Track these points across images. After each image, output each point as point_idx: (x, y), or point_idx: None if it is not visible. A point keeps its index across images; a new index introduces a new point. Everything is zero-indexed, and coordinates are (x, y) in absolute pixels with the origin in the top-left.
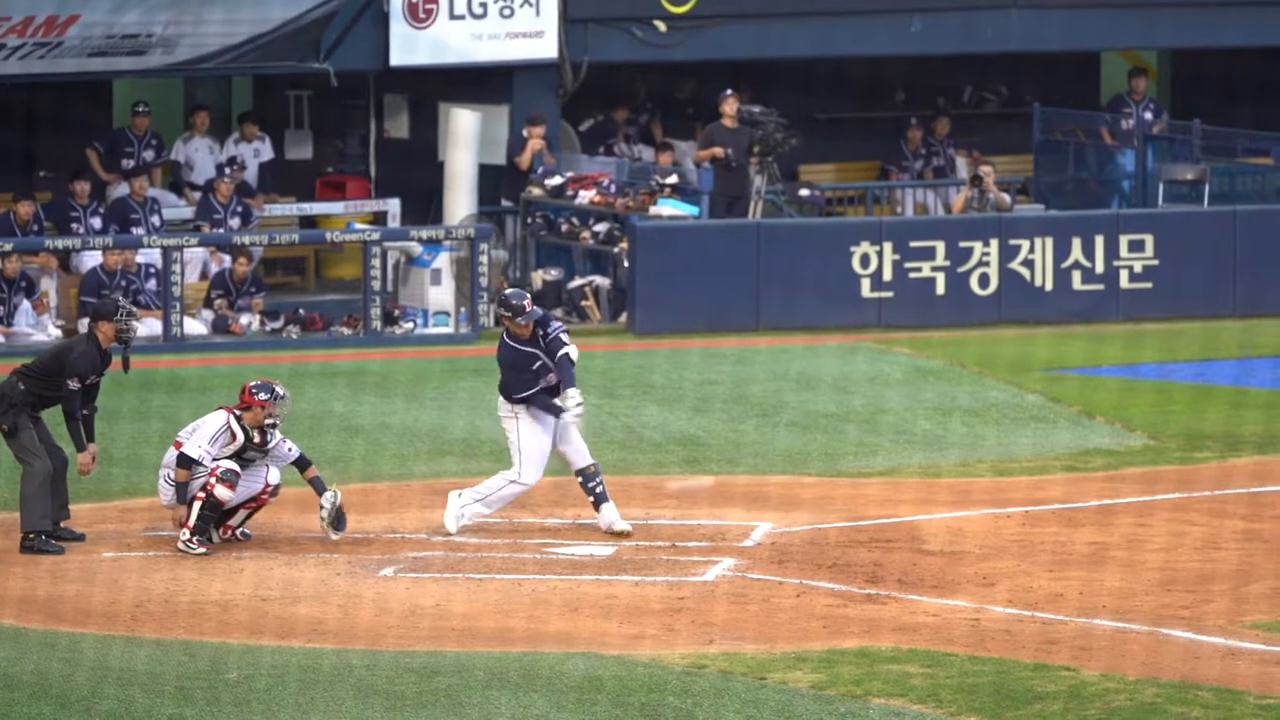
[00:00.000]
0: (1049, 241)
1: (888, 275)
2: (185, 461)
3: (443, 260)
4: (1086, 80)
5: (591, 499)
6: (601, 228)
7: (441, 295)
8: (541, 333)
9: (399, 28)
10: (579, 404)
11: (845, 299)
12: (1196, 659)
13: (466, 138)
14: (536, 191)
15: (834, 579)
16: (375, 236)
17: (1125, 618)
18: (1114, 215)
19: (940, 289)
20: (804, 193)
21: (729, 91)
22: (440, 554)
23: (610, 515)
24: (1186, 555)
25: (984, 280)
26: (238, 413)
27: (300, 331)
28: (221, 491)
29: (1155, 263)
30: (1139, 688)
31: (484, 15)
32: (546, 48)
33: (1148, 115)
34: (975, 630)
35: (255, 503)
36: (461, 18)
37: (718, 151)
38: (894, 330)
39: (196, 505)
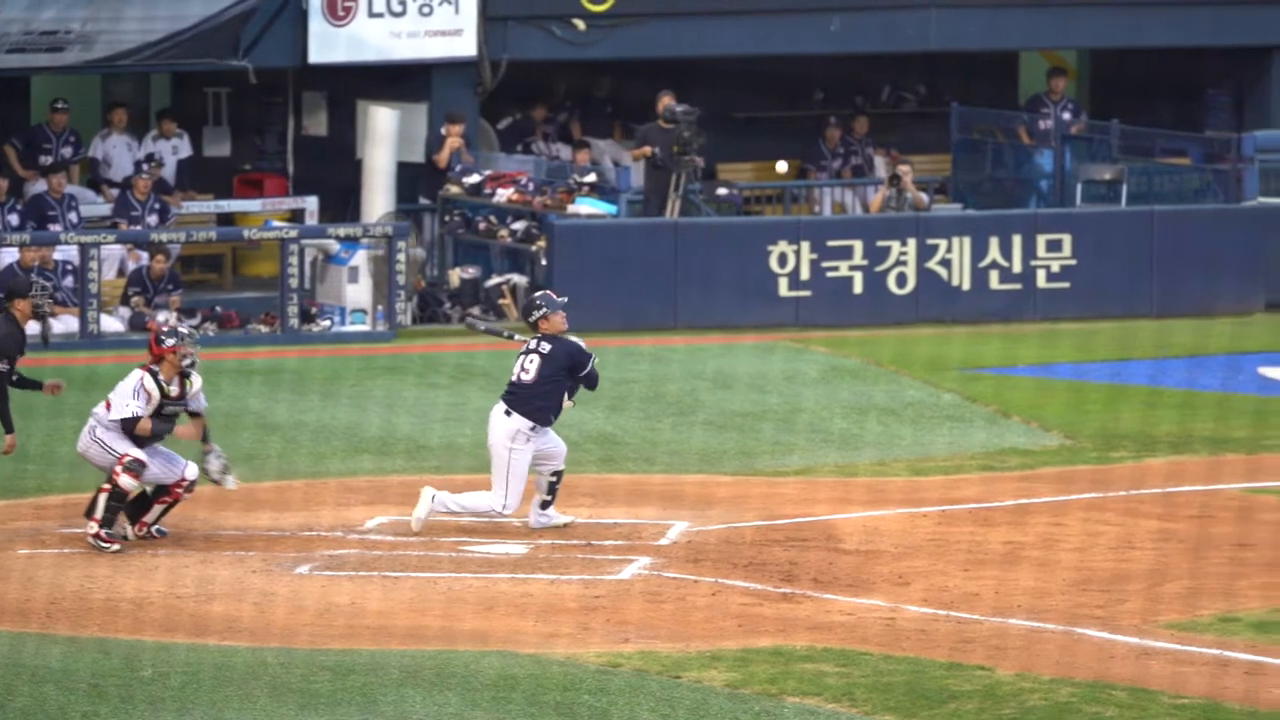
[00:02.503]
0: (966, 241)
1: (805, 274)
2: (128, 425)
3: (360, 258)
4: (1005, 80)
5: (548, 495)
6: (519, 226)
7: (359, 293)
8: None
9: (318, 25)
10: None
11: (763, 298)
12: (1111, 658)
13: (385, 135)
14: (454, 189)
15: (749, 578)
16: (293, 234)
17: (1040, 617)
18: (1031, 215)
19: (858, 288)
20: (722, 191)
21: (665, 90)
22: (355, 552)
23: (549, 517)
24: (1101, 555)
25: (901, 279)
26: (153, 369)
27: (217, 329)
28: (126, 481)
29: (1073, 262)
30: (1053, 687)
31: (403, 13)
32: (465, 46)
33: (1066, 115)
34: (890, 629)
35: (170, 497)
36: (380, 15)
37: (646, 150)
38: (811, 329)
39: (103, 497)
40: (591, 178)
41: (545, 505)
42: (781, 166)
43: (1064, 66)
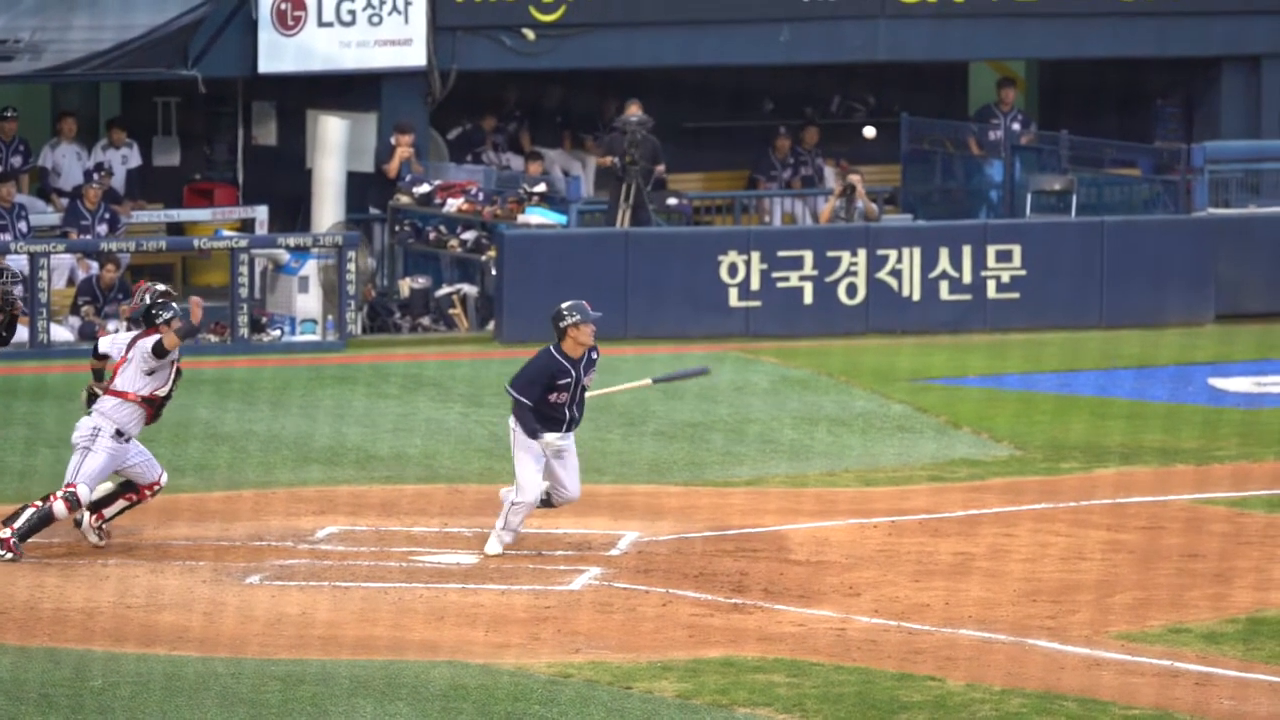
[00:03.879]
0: (916, 251)
1: (755, 284)
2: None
3: (310, 268)
4: (954, 90)
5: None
6: (469, 236)
7: (309, 303)
8: (594, 354)
9: (267, 35)
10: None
11: (713, 308)
12: (1061, 669)
13: (334, 145)
14: (404, 199)
15: (699, 588)
16: (243, 244)
17: (990, 628)
18: (981, 225)
19: (808, 298)
20: (672, 202)
21: (632, 100)
22: (305, 562)
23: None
24: (1051, 566)
25: (851, 290)
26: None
27: None
28: (59, 509)
29: (1022, 273)
30: (1004, 698)
31: (352, 23)
32: (415, 55)
33: (1015, 126)
34: (840, 640)
35: (136, 496)
36: (330, 25)
37: (605, 160)
38: (761, 339)
39: (30, 512)
40: (541, 188)
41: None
42: (869, 131)
43: (1013, 77)
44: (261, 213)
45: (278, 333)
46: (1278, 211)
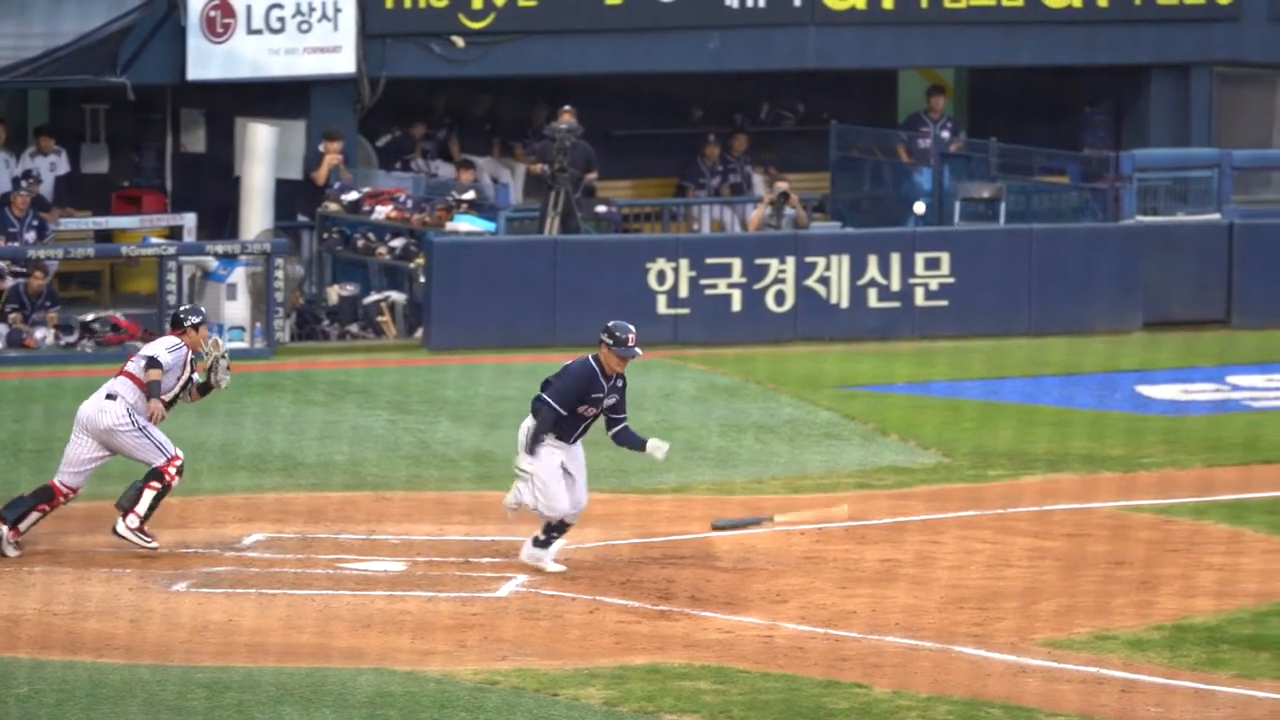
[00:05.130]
0: (845, 259)
1: (684, 292)
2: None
3: (238, 275)
4: (883, 98)
5: (544, 536)
6: (398, 243)
7: (237, 310)
8: (621, 383)
9: (196, 42)
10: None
11: (641, 315)
12: (987, 676)
13: (263, 152)
14: (333, 207)
15: (626, 595)
16: (171, 251)
17: (916, 635)
18: (910, 233)
19: (736, 306)
20: (601, 209)
21: (566, 107)
22: (231, 569)
23: (548, 556)
24: (977, 573)
25: (780, 297)
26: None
27: (95, 346)
28: (177, 482)
29: (951, 280)
30: (930, 705)
31: (281, 30)
32: (344, 63)
33: (945, 133)
34: (767, 647)
35: (50, 505)
36: (259, 32)
37: (535, 168)
38: (689, 346)
39: (150, 494)
40: (470, 195)
41: (537, 542)
42: (919, 207)
43: (942, 85)
44: (190, 220)
45: None
46: (1205, 219)
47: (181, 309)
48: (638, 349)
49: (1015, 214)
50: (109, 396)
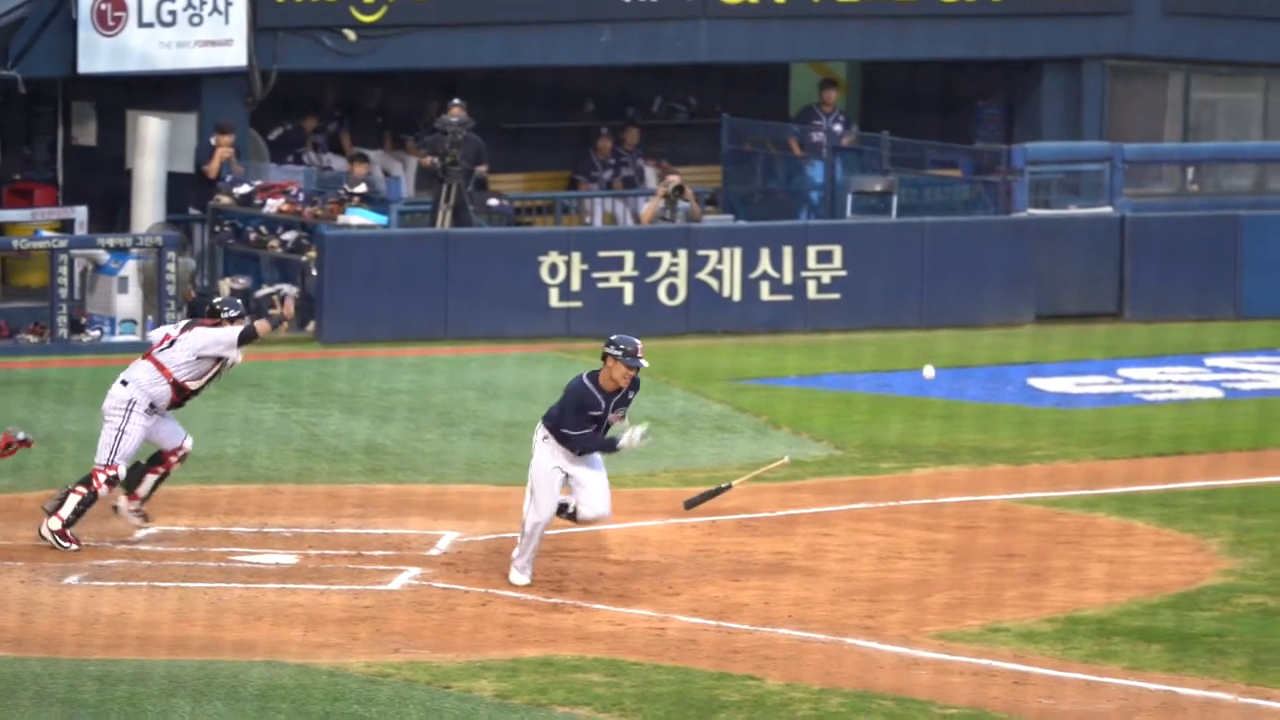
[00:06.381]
0: (737, 252)
1: (576, 285)
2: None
3: (130, 268)
4: (775, 91)
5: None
6: (290, 236)
7: (128, 303)
8: (630, 394)
9: (87, 34)
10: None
11: (533, 308)
12: (878, 668)
13: (154, 145)
14: (225, 200)
15: (518, 588)
16: (62, 244)
17: (807, 627)
18: (802, 226)
19: (628, 299)
20: (493, 202)
21: (455, 100)
22: (122, 562)
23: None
24: (869, 565)
25: (672, 290)
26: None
27: None
28: (104, 492)
29: (843, 274)
30: (822, 697)
31: (173, 23)
32: (235, 56)
33: (837, 127)
34: (659, 639)
35: (164, 467)
36: (150, 25)
37: (426, 161)
38: (582, 340)
39: (75, 499)
40: (362, 188)
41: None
42: (929, 371)
43: (835, 79)
44: (81, 213)
45: (97, 333)
46: (1097, 212)
47: (217, 300)
48: (644, 359)
49: (907, 207)
50: (123, 382)
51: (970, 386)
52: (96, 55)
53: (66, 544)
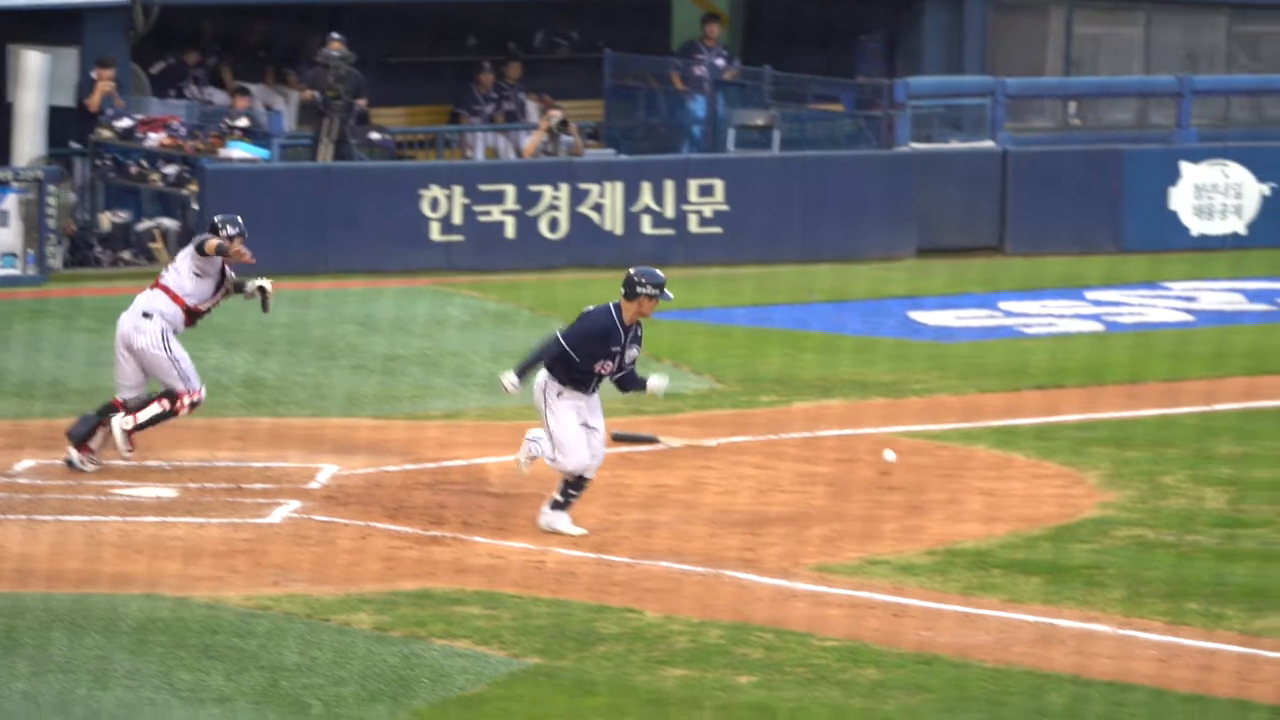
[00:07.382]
0: (619, 186)
1: (457, 219)
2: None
3: (10, 202)
4: (658, 26)
5: (562, 498)
6: (171, 170)
7: (9, 237)
8: (636, 333)
9: None
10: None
11: (414, 242)
12: (757, 600)
13: (35, 79)
14: (106, 134)
15: (397, 521)
16: None
17: (685, 560)
18: (684, 160)
19: (510, 232)
20: (374, 136)
21: (334, 35)
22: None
23: (561, 521)
24: (747, 498)
25: (554, 224)
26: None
27: None
28: (184, 414)
29: (725, 208)
30: (701, 629)
31: None
32: None
33: (719, 61)
34: (537, 571)
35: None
36: None
37: (307, 95)
38: (462, 274)
39: (156, 407)
40: (243, 122)
41: (556, 505)
42: (890, 455)
43: (717, 13)
44: None
45: None
46: (978, 146)
47: (218, 217)
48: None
49: (789, 141)
50: (145, 315)
51: (850, 320)
52: None
53: (128, 448)
